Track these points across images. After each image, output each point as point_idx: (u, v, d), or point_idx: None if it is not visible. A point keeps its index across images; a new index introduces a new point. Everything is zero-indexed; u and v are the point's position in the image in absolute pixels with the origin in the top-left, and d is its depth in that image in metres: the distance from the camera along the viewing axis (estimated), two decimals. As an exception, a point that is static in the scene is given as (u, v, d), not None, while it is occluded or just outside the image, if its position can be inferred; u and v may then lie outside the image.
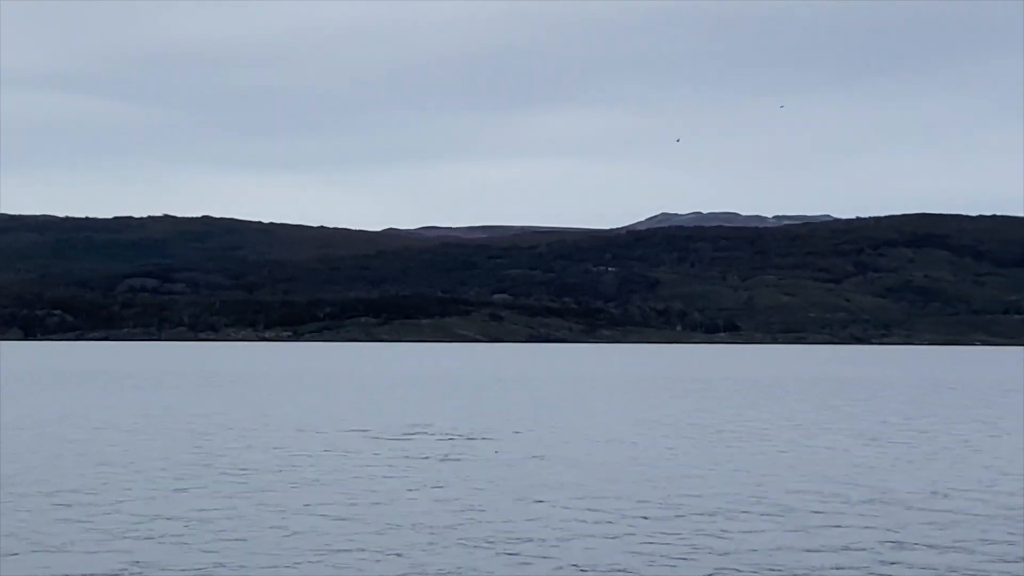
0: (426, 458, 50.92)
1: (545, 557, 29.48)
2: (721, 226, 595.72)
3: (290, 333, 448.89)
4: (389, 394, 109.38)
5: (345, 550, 30.19)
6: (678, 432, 66.79)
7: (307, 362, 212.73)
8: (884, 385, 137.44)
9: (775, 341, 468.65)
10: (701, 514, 36.61)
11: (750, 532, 33.66)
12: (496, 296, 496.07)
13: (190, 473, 46.05)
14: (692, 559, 29.61)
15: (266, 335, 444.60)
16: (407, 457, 51.87)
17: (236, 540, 31.54)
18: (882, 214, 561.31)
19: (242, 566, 28.17)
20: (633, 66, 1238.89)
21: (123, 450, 54.66)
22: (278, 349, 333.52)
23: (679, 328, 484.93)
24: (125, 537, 31.86)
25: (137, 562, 28.32)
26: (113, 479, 44.40)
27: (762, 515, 36.85)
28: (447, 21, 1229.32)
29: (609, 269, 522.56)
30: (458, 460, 50.05)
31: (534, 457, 51.38)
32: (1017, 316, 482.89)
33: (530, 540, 31.78)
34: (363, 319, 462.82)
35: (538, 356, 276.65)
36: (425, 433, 63.05)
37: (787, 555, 30.01)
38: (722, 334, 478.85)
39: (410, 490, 41.75)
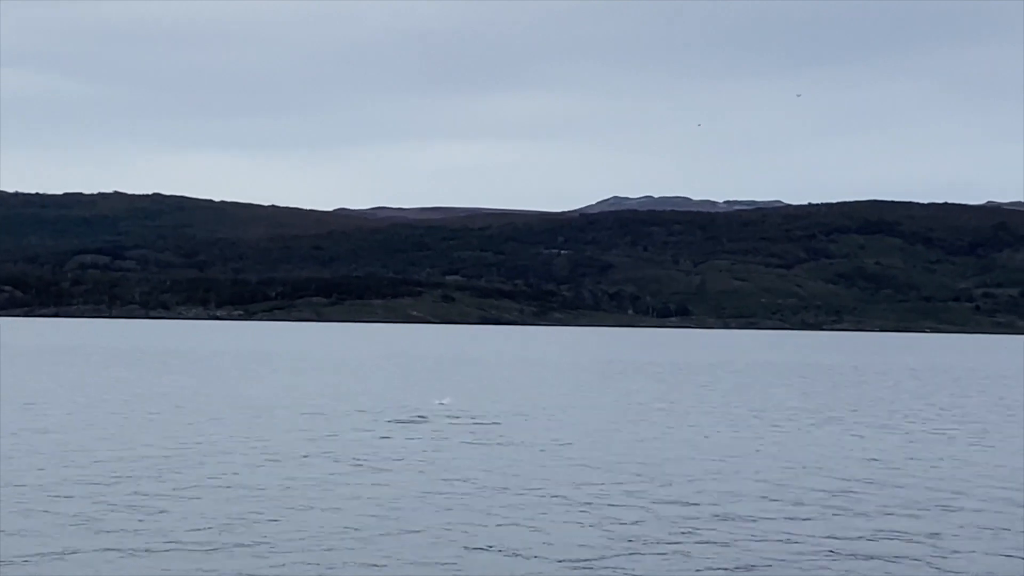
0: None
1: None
2: (674, 211, 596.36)
3: (241, 312, 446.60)
4: (380, 375, 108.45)
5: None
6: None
7: (288, 342, 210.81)
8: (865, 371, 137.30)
9: (727, 326, 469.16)
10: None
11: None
12: (448, 277, 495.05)
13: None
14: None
15: (218, 314, 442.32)
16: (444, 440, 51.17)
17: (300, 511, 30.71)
18: (834, 200, 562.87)
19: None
20: (585, 50, 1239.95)
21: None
22: (236, 328, 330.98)
23: (631, 312, 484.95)
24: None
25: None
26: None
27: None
28: (401, 2, 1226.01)
29: (561, 252, 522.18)
30: (497, 445, 49.23)
31: (562, 444, 50.46)
32: (967, 304, 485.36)
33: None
34: (315, 299, 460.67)
35: (500, 337, 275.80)
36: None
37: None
38: (674, 318, 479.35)
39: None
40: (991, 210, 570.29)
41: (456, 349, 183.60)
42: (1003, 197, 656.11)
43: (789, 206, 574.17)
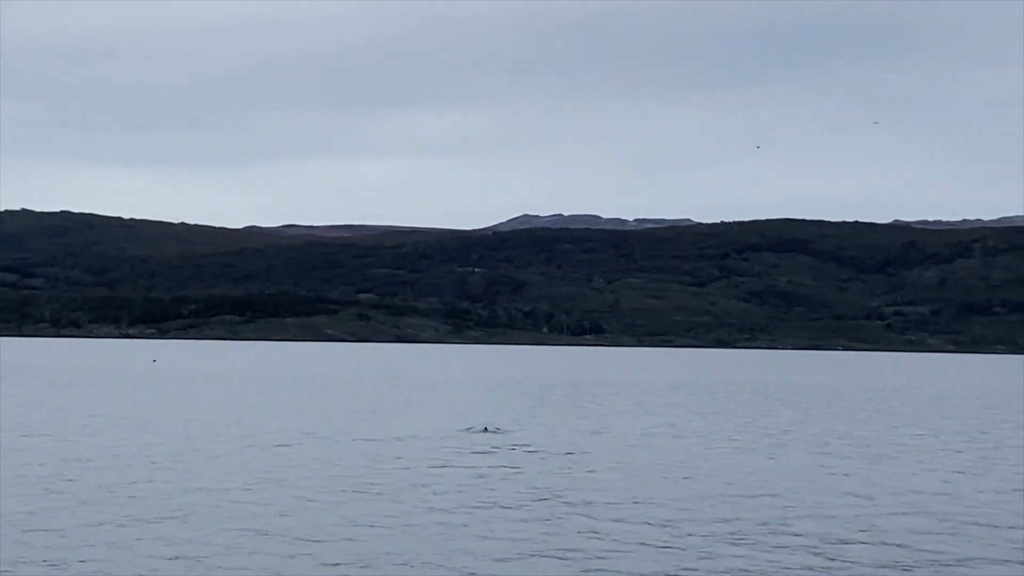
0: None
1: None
2: (587, 228, 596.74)
3: (154, 330, 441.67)
4: (348, 397, 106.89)
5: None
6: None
7: (229, 360, 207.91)
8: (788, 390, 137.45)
9: (640, 344, 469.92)
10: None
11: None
12: (362, 295, 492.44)
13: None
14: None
15: (130, 332, 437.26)
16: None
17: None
18: (744, 219, 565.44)
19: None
20: (494, 68, 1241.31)
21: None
22: (160, 346, 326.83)
23: (545, 330, 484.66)
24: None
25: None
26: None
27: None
28: (310, 19, 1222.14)
29: (475, 270, 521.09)
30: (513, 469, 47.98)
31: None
32: (878, 321, 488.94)
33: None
34: (228, 317, 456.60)
35: (439, 356, 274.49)
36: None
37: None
38: (588, 336, 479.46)
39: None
40: (901, 228, 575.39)
41: (418, 368, 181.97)
42: (909, 216, 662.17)
43: (701, 224, 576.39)
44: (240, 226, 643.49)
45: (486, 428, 62.05)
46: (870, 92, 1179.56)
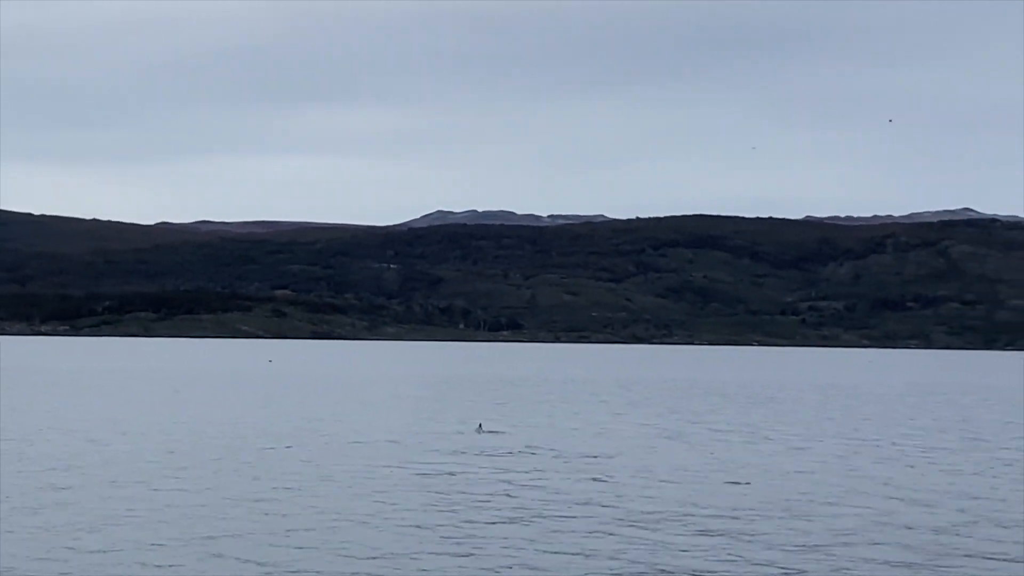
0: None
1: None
2: (503, 224, 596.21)
3: (67, 327, 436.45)
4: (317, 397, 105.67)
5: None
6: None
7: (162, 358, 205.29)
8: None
9: (558, 340, 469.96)
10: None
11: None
12: (277, 292, 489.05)
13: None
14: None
15: (42, 329, 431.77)
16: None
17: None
18: (659, 215, 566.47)
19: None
20: (407, 64, 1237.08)
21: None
22: (75, 344, 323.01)
23: (462, 326, 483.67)
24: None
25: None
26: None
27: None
28: (221, 15, 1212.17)
29: (391, 266, 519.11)
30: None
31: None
32: (793, 317, 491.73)
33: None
34: (142, 314, 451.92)
35: (354, 353, 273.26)
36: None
37: None
38: (505, 332, 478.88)
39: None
40: (815, 225, 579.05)
41: (358, 366, 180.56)
42: (821, 212, 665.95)
43: (617, 220, 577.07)
44: (152, 222, 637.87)
45: (480, 425, 60.64)
46: (782, 90, 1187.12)
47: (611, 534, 29.54)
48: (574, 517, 32.39)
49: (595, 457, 47.70)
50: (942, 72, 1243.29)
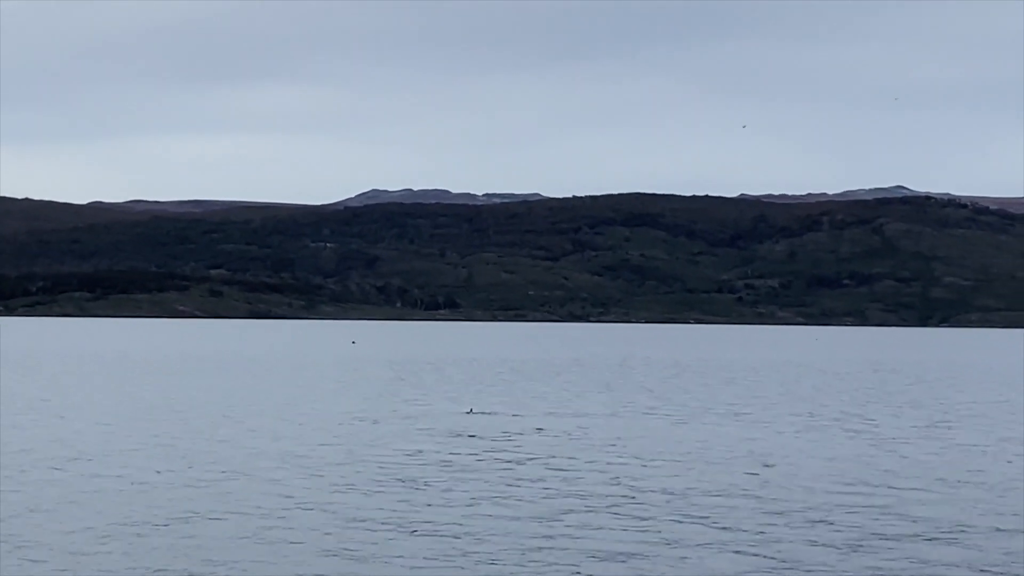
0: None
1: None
2: (439, 203, 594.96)
3: (1, 308, 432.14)
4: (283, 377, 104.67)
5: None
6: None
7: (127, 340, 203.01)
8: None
9: (495, 318, 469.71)
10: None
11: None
12: (213, 271, 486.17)
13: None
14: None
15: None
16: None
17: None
18: (595, 193, 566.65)
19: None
20: (342, 43, 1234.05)
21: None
22: (9, 324, 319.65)
23: (399, 305, 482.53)
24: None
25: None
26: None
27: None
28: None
29: (328, 245, 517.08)
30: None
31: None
32: (730, 295, 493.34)
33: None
34: (77, 294, 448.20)
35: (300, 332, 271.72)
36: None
37: None
38: (442, 311, 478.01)
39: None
40: (751, 203, 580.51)
41: (310, 346, 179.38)
42: (755, 190, 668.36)
43: (553, 199, 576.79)
44: (85, 202, 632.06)
45: (471, 410, 59.82)
46: (716, 67, 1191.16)
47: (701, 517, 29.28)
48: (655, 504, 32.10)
49: (618, 439, 47.25)
50: (871, 49, 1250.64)
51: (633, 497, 31.90)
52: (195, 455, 40.01)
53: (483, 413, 57.59)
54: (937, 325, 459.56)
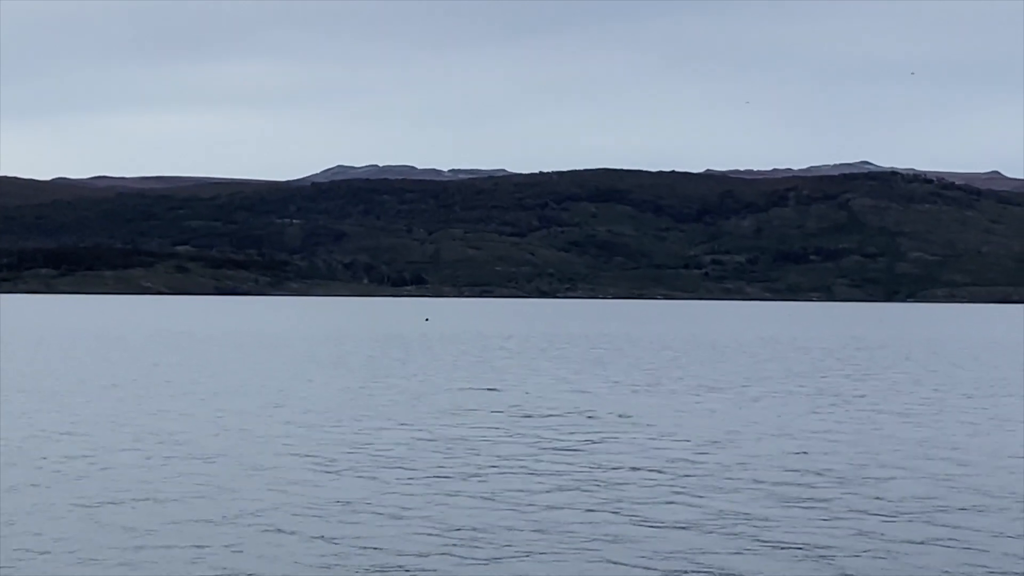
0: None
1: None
2: (405, 179, 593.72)
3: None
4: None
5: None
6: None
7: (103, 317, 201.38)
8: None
9: (461, 294, 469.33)
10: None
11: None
12: (179, 248, 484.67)
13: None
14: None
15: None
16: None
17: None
18: (561, 169, 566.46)
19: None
20: (303, 17, 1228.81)
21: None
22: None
23: (366, 281, 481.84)
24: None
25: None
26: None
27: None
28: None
29: (294, 221, 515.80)
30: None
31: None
32: (696, 270, 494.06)
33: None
34: (43, 270, 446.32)
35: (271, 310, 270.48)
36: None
37: None
38: (409, 287, 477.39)
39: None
40: (718, 178, 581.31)
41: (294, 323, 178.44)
42: (721, 165, 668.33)
43: (520, 175, 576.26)
44: (48, 178, 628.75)
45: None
46: (682, 42, 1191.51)
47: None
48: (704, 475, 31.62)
49: (629, 417, 46.63)
50: (836, 25, 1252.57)
51: (687, 474, 31.47)
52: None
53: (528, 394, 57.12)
54: (903, 300, 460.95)
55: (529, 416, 46.60)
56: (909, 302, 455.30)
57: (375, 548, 22.84)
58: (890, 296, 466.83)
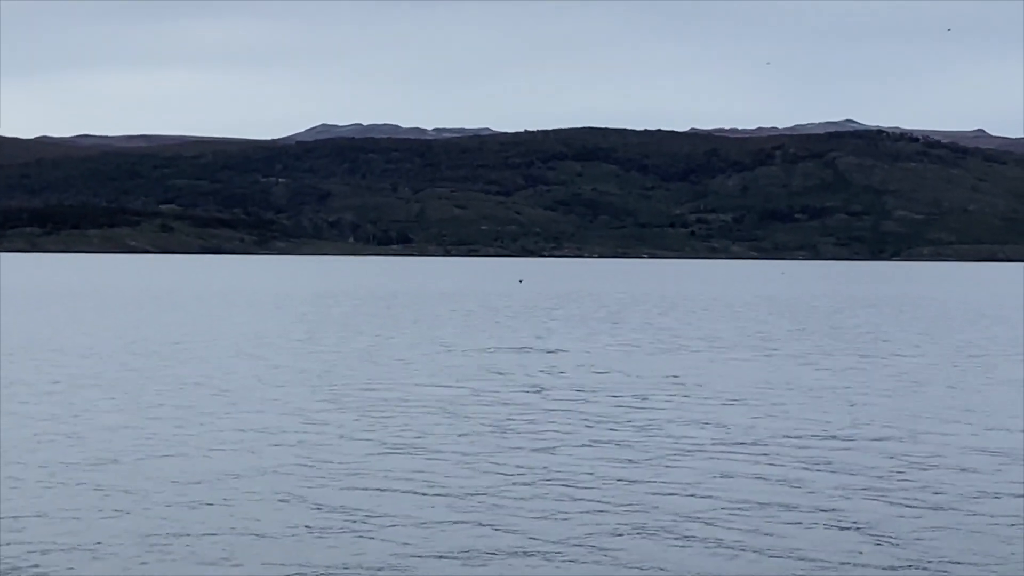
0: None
1: None
2: (391, 138, 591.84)
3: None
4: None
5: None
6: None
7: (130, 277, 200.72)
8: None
9: (447, 253, 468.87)
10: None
11: None
12: (164, 207, 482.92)
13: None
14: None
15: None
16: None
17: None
18: (546, 128, 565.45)
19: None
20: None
21: None
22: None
23: (352, 240, 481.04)
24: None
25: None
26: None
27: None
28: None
29: (279, 180, 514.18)
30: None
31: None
32: (682, 229, 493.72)
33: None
34: (28, 229, 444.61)
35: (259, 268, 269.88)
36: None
37: None
38: (395, 246, 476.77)
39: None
40: (703, 137, 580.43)
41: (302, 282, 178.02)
42: (706, 124, 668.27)
43: (505, 133, 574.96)
44: (31, 136, 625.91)
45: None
46: (668, 1, 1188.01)
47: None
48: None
49: (675, 376, 46.52)
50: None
51: (741, 441, 31.42)
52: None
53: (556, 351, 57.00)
54: (889, 259, 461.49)
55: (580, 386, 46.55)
56: (895, 260, 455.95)
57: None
58: (876, 255, 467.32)
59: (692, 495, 23.95)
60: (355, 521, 21.44)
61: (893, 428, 33.24)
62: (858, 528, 21.44)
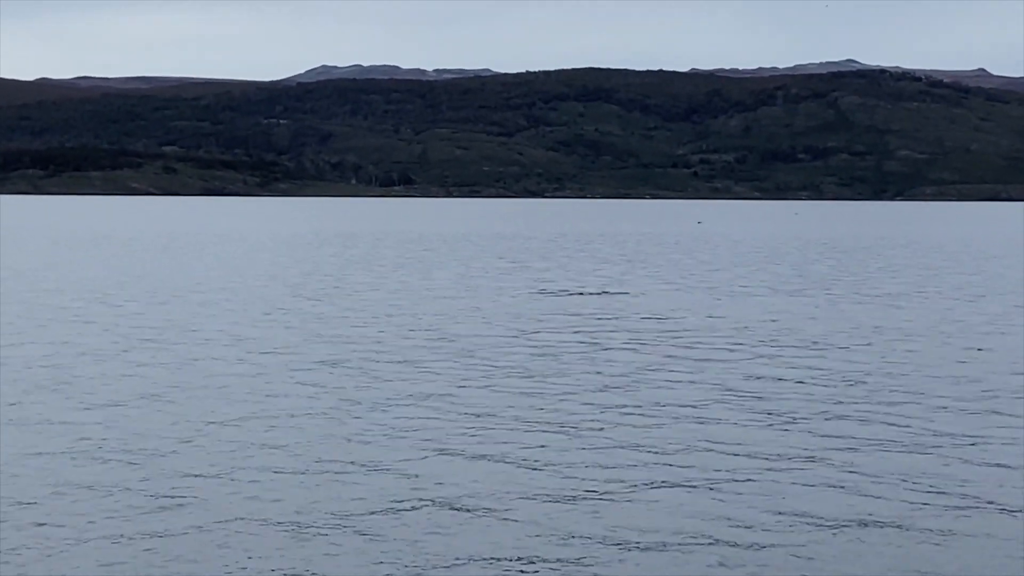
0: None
1: None
2: (392, 79, 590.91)
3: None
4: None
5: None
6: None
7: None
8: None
9: (450, 195, 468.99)
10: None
11: None
12: (166, 148, 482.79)
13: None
14: None
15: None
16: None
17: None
18: (548, 68, 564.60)
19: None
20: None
21: None
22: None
23: (354, 181, 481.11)
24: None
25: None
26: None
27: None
28: None
29: (281, 122, 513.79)
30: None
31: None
32: (685, 169, 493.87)
33: None
34: (30, 171, 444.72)
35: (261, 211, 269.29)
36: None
37: None
38: (397, 187, 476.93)
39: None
40: (704, 77, 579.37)
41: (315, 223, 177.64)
42: (707, 64, 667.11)
43: (507, 74, 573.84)
44: (31, 78, 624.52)
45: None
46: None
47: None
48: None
49: (774, 321, 46.34)
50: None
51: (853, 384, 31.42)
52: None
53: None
54: (892, 199, 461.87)
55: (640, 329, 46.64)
56: (897, 200, 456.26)
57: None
58: (878, 194, 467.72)
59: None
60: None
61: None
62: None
